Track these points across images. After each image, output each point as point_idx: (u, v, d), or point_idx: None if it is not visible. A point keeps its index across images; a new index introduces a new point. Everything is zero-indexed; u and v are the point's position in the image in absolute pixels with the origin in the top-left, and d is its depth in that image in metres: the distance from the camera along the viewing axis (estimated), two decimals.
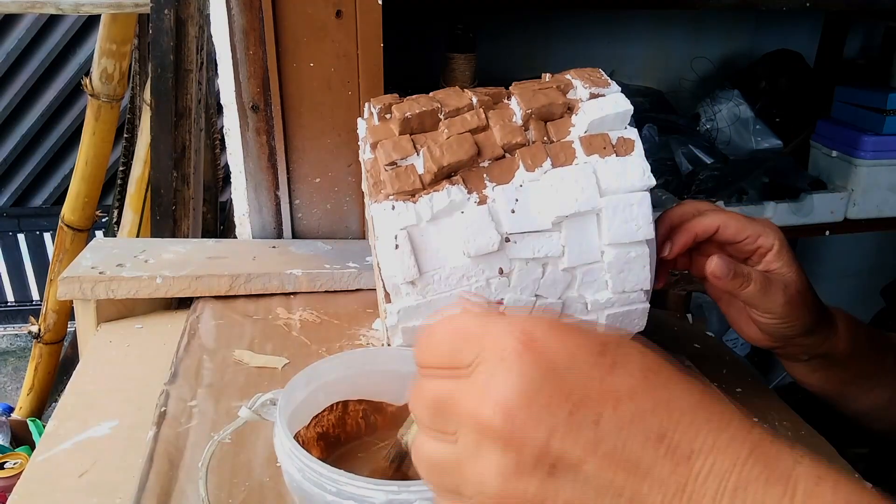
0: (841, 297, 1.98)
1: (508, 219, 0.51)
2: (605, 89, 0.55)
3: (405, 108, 0.54)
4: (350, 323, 0.66)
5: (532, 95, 0.54)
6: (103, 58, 1.25)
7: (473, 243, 0.50)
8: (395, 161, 0.52)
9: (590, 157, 0.52)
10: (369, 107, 0.58)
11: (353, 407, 0.47)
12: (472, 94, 0.56)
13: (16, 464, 1.34)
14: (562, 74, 0.58)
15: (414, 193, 0.51)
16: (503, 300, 0.53)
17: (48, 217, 2.37)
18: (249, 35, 0.72)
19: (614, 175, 0.52)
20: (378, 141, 0.53)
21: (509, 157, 0.53)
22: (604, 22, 1.58)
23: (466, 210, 0.51)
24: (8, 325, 2.49)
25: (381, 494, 0.35)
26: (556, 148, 0.53)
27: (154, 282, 0.68)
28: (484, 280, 0.52)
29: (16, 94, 2.23)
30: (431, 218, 0.51)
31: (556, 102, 0.54)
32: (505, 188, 0.51)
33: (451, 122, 0.54)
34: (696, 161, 1.45)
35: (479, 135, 0.53)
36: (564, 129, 0.54)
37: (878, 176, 1.46)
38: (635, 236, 0.52)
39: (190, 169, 1.08)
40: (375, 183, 0.53)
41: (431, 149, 0.52)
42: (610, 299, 0.53)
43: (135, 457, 0.49)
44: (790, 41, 1.65)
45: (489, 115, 0.54)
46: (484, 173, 0.52)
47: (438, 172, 0.51)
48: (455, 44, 1.26)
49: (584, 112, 0.54)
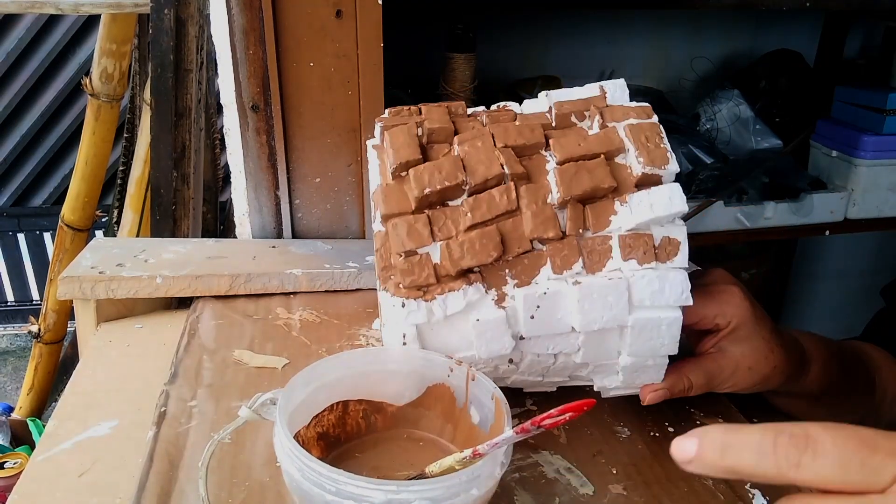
0: (841, 297, 1.98)
1: (527, 323, 0.46)
2: (661, 170, 0.46)
3: (424, 180, 0.46)
4: (350, 323, 0.66)
5: (576, 178, 0.46)
6: (103, 57, 1.25)
7: (486, 348, 0.47)
8: (408, 250, 0.46)
9: (627, 262, 0.46)
10: (381, 135, 0.51)
11: (354, 407, 0.47)
12: (502, 153, 0.47)
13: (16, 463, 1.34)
14: (613, 120, 0.49)
15: (427, 289, 0.46)
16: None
17: (48, 217, 2.37)
18: (249, 35, 0.72)
19: (649, 292, 0.45)
20: (391, 216, 0.47)
21: (537, 252, 0.46)
22: (604, 22, 1.58)
23: (482, 315, 0.46)
24: (8, 325, 2.49)
25: (381, 494, 0.35)
26: (591, 248, 0.46)
27: (154, 281, 0.68)
28: (492, 367, 0.49)
29: (16, 94, 2.23)
30: (444, 318, 0.46)
31: (602, 186, 0.46)
32: (527, 294, 0.45)
33: (477, 203, 0.46)
34: (696, 161, 1.45)
35: (507, 222, 0.46)
36: (604, 220, 0.46)
37: (878, 176, 1.46)
38: (657, 353, 0.48)
39: (190, 169, 1.08)
40: (385, 267, 0.47)
41: (451, 245, 0.45)
42: (618, 387, 0.51)
43: (135, 457, 0.49)
44: (790, 41, 1.65)
45: (520, 192, 0.46)
46: (507, 268, 0.46)
47: (456, 271, 0.45)
48: (455, 44, 1.26)
49: (630, 210, 0.46)
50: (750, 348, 0.50)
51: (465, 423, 0.46)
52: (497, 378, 0.49)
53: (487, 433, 0.44)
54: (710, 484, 0.47)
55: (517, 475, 0.47)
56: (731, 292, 0.51)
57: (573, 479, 0.47)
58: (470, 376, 0.45)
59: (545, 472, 0.48)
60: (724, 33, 1.66)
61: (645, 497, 0.46)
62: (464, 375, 0.46)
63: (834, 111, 1.53)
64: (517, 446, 0.47)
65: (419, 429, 0.48)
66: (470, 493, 0.37)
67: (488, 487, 0.38)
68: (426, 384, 0.47)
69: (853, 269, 1.98)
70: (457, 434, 0.47)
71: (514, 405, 0.54)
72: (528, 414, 0.54)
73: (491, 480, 0.38)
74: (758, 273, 1.75)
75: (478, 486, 0.37)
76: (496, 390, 0.43)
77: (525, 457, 0.49)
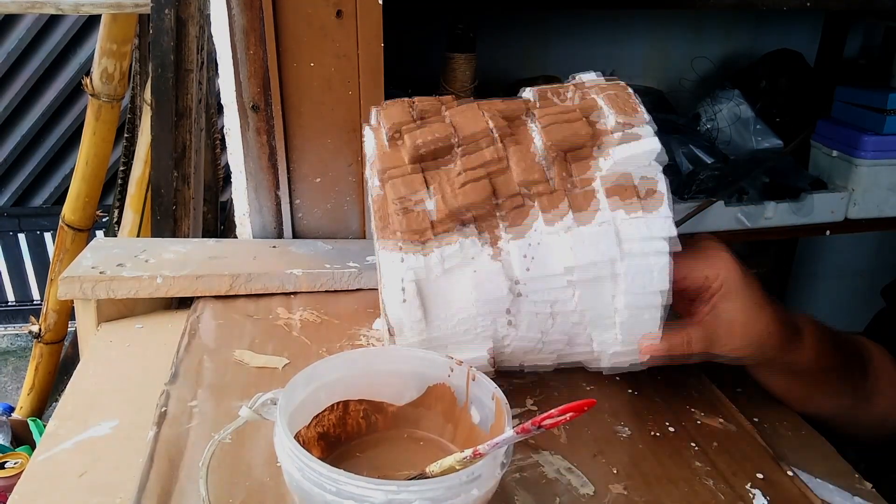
0: (841, 297, 1.98)
1: (522, 274, 0.49)
2: (633, 119, 0.50)
3: (417, 137, 0.50)
4: (350, 323, 0.66)
5: (556, 127, 0.50)
6: (104, 57, 1.25)
7: (483, 297, 0.48)
8: (405, 200, 0.49)
9: (614, 211, 0.49)
10: (377, 116, 0.55)
11: (354, 407, 0.47)
12: (488, 115, 0.52)
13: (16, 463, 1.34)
14: (587, 91, 0.54)
15: (424, 238, 0.48)
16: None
17: (49, 217, 2.37)
18: (250, 35, 0.72)
19: (638, 237, 0.49)
20: (388, 174, 0.50)
21: (528, 204, 0.49)
22: (604, 22, 1.58)
23: (479, 265, 0.48)
24: (8, 325, 2.50)
25: (381, 494, 0.35)
26: (579, 197, 0.49)
27: (154, 281, 0.68)
28: (490, 322, 0.50)
29: (16, 94, 2.23)
30: (442, 271, 0.48)
31: (580, 133, 0.50)
32: (520, 244, 0.49)
33: (467, 156, 0.50)
34: (696, 161, 1.45)
35: (497, 174, 0.50)
36: (587, 166, 0.50)
37: (878, 176, 1.46)
38: (652, 302, 0.50)
39: (190, 169, 1.08)
40: (382, 218, 0.50)
41: (444, 192, 0.49)
42: (617, 350, 0.52)
43: (135, 457, 0.49)
44: (790, 41, 1.65)
45: (508, 147, 0.50)
46: (499, 219, 0.49)
47: (451, 215, 0.48)
48: (455, 43, 1.26)
49: (612, 157, 0.50)
50: (741, 304, 0.52)
51: (465, 423, 0.46)
52: (497, 345, 0.51)
53: (488, 433, 0.44)
54: (710, 484, 0.47)
55: (518, 475, 0.47)
56: (719, 253, 0.53)
57: (573, 479, 0.47)
58: (470, 376, 0.45)
59: (545, 472, 0.48)
60: (725, 33, 1.66)
61: (645, 497, 0.46)
62: (464, 375, 0.46)
63: (834, 111, 1.53)
64: (517, 446, 0.47)
65: (420, 429, 0.48)
66: (470, 493, 0.37)
67: (489, 487, 0.38)
68: (427, 384, 0.47)
69: (853, 269, 1.98)
70: (457, 434, 0.47)
71: (514, 405, 0.54)
72: (528, 414, 0.54)
73: (491, 480, 0.38)
74: (758, 273, 1.73)
75: (478, 486, 0.37)
76: (497, 390, 0.43)
77: (525, 457, 0.49)
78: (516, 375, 0.57)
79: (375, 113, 0.55)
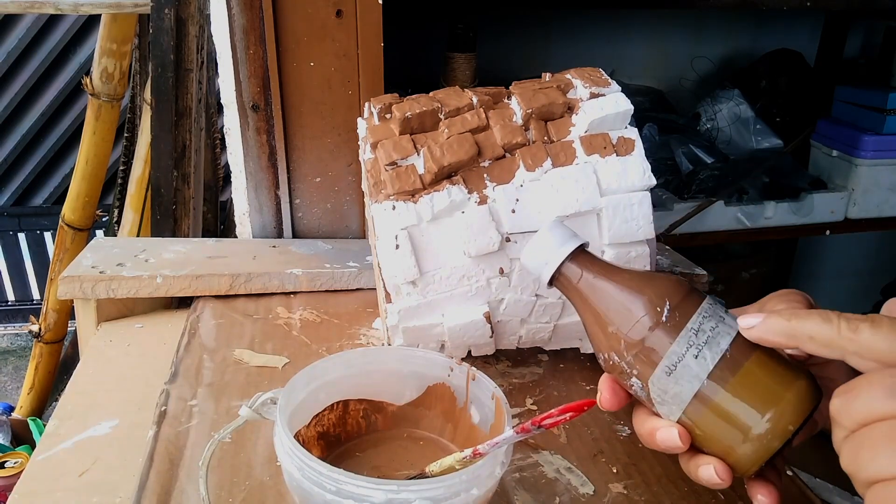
0: (841, 296, 1.98)
1: (509, 219, 0.51)
2: (605, 89, 0.55)
3: (405, 108, 0.54)
4: (350, 322, 0.66)
5: (532, 95, 0.54)
6: (104, 57, 1.25)
7: (474, 243, 0.50)
8: (395, 161, 0.52)
9: (590, 156, 0.53)
10: (369, 106, 0.58)
11: (354, 406, 0.47)
12: (472, 93, 0.56)
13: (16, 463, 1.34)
14: (562, 74, 0.59)
15: (414, 193, 0.51)
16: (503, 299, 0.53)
17: (49, 216, 2.37)
18: (250, 34, 0.72)
19: (615, 175, 0.52)
20: (378, 141, 0.54)
21: (510, 157, 0.53)
22: (604, 22, 1.58)
23: (467, 210, 0.51)
24: (8, 325, 2.49)
25: (381, 493, 0.35)
26: (557, 148, 0.53)
27: (154, 281, 0.68)
28: (485, 280, 0.52)
29: (16, 93, 2.23)
30: (432, 218, 0.51)
31: (557, 102, 0.54)
32: (505, 188, 0.52)
33: (452, 122, 0.54)
34: (696, 160, 1.45)
35: (480, 135, 0.54)
36: (565, 129, 0.54)
37: (878, 175, 1.46)
38: (636, 236, 0.52)
39: (190, 168, 1.08)
40: (376, 183, 0.53)
41: (432, 149, 0.52)
42: None
43: (135, 456, 0.49)
44: (790, 41, 1.65)
45: (489, 114, 0.54)
46: (484, 173, 0.52)
47: (439, 172, 0.51)
48: (455, 43, 1.26)
49: (584, 112, 0.54)
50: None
51: (465, 423, 0.46)
52: (492, 300, 0.52)
53: (487, 433, 0.44)
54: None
55: (517, 475, 0.47)
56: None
57: (573, 478, 0.47)
58: (470, 376, 0.45)
59: (545, 472, 0.48)
60: (725, 33, 1.67)
61: (645, 496, 0.46)
62: (464, 375, 0.46)
63: (834, 111, 1.53)
64: (517, 446, 0.47)
65: (419, 428, 0.48)
66: (470, 492, 0.37)
67: (488, 487, 0.38)
68: (426, 384, 0.47)
69: (853, 268, 1.98)
70: (457, 433, 0.47)
71: (514, 405, 0.54)
72: (528, 413, 0.54)
73: (491, 480, 0.38)
74: (758, 273, 1.75)
75: (478, 485, 0.37)
76: (496, 390, 0.43)
77: (525, 456, 0.49)
78: (516, 375, 0.57)
79: (368, 105, 0.58)
